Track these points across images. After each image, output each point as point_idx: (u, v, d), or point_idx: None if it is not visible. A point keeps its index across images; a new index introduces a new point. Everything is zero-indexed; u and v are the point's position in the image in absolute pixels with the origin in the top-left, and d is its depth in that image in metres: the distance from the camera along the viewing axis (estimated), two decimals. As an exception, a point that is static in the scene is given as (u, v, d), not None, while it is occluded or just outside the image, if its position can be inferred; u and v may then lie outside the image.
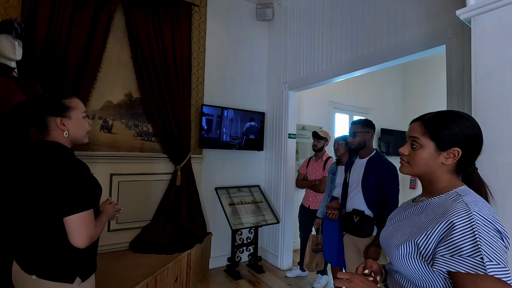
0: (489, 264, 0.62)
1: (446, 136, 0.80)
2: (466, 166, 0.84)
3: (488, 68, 0.95)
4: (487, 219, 0.68)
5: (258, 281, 3.00)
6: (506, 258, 0.65)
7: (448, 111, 0.86)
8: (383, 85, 5.08)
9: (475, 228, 0.65)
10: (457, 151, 0.79)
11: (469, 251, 0.64)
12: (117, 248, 2.70)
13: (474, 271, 0.63)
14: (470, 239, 0.65)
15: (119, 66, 2.77)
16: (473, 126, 0.82)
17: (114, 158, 2.72)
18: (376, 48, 2.36)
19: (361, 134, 2.07)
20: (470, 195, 0.76)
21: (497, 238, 0.66)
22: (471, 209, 0.69)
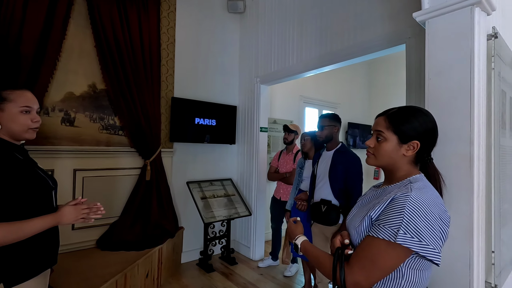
0: (402, 235, 0.74)
1: (407, 130, 0.88)
2: (423, 157, 0.93)
3: (439, 67, 1.05)
4: (422, 202, 0.78)
5: (231, 273, 3.04)
6: (433, 236, 0.75)
7: (409, 107, 0.94)
8: (350, 81, 5.30)
9: (406, 206, 0.77)
10: (416, 144, 0.88)
11: (393, 223, 0.76)
12: (83, 247, 2.59)
13: (386, 237, 0.76)
14: (398, 214, 0.77)
15: (82, 55, 2.61)
16: (431, 121, 0.90)
17: (78, 152, 2.58)
18: (343, 44, 2.46)
19: (328, 127, 2.16)
20: (420, 182, 0.85)
21: (427, 220, 0.76)
22: (410, 193, 0.79)
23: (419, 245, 0.74)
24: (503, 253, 1.11)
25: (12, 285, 0.98)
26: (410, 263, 0.81)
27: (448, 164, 1.01)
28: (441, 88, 1.04)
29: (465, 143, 0.97)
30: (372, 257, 0.78)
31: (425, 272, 0.83)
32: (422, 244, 0.74)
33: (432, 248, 0.75)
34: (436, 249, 0.75)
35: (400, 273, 0.81)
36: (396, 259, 0.77)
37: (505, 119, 1.17)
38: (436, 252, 0.75)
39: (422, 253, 0.75)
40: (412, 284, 0.82)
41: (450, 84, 1.02)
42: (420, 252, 0.75)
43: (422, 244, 0.74)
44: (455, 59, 1.00)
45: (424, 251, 0.75)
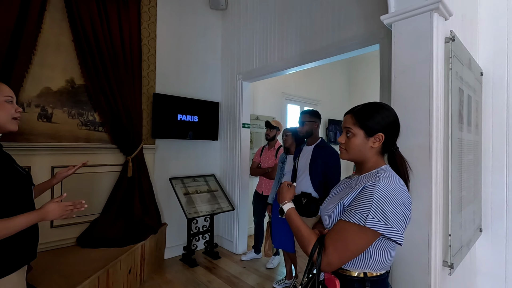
0: (370, 220, 0.83)
1: (371, 124, 0.97)
2: (389, 147, 1.01)
3: (404, 67, 1.14)
4: (388, 190, 0.86)
5: (214, 267, 3.09)
6: (397, 220, 0.84)
7: (372, 103, 1.02)
8: (331, 79, 5.44)
9: (374, 194, 0.85)
10: (381, 136, 0.97)
11: (363, 208, 0.85)
12: (63, 245, 2.55)
13: (357, 221, 0.84)
14: (367, 200, 0.85)
15: (59, 49, 2.55)
16: (392, 114, 1.00)
17: (56, 149, 2.53)
18: (322, 43, 2.55)
19: (309, 123, 2.25)
20: (387, 172, 0.94)
21: (392, 206, 0.85)
22: (378, 182, 0.88)
23: (385, 228, 0.83)
24: (460, 235, 1.23)
25: None
26: (377, 245, 0.90)
27: (411, 155, 1.10)
28: (405, 86, 1.14)
29: (425, 136, 1.07)
30: (344, 239, 0.86)
31: (390, 252, 0.92)
32: (388, 227, 0.83)
33: (396, 230, 0.84)
34: (399, 231, 0.84)
35: (368, 254, 0.90)
36: (365, 241, 0.85)
37: (463, 114, 1.29)
38: (399, 234, 0.84)
39: (388, 235, 0.83)
40: (378, 263, 0.91)
41: (413, 82, 1.11)
42: (386, 234, 0.83)
43: (388, 227, 0.83)
44: (417, 59, 1.10)
45: (389, 233, 0.83)
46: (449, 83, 1.14)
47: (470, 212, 1.45)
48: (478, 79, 1.69)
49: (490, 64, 1.76)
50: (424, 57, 1.08)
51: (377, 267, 0.91)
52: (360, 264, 0.91)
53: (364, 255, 0.90)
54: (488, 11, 1.76)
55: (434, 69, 1.05)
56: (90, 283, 1.97)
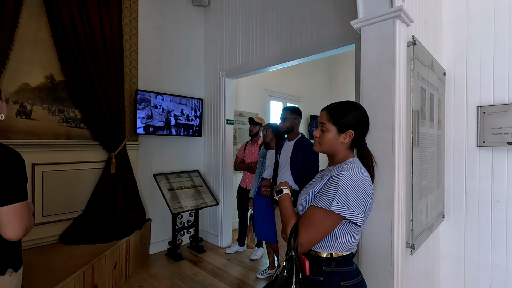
0: (335, 204, 0.93)
1: (343, 122, 1.07)
2: (358, 143, 1.12)
3: (370, 68, 1.25)
4: (351, 179, 0.97)
5: (199, 260, 3.16)
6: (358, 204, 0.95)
7: (345, 103, 1.13)
8: (312, 77, 5.58)
9: (339, 182, 0.96)
10: (351, 133, 1.07)
11: (329, 194, 0.95)
12: (45, 243, 2.54)
13: (323, 206, 0.95)
14: (333, 188, 0.96)
15: (37, 45, 2.51)
16: (362, 113, 1.10)
17: (36, 146, 2.50)
18: (302, 42, 2.64)
19: (290, 119, 2.35)
20: (353, 163, 1.05)
21: (354, 192, 0.96)
22: (343, 171, 0.99)
23: (347, 211, 0.94)
24: (421, 220, 1.37)
25: (17, 268, 1.05)
26: (342, 228, 1.01)
27: (377, 147, 1.22)
28: (371, 86, 1.25)
29: (388, 130, 1.19)
30: (313, 222, 0.96)
31: (353, 235, 1.04)
32: (350, 211, 0.94)
33: (357, 214, 0.95)
34: (359, 214, 0.95)
35: (334, 236, 1.01)
36: (331, 224, 0.96)
37: (425, 111, 1.43)
38: (360, 217, 0.95)
39: (349, 218, 0.94)
40: (343, 245, 1.02)
41: (378, 82, 1.22)
42: (348, 217, 0.94)
43: (349, 211, 0.94)
44: (382, 61, 1.21)
45: (351, 216, 0.94)
46: (411, 82, 1.26)
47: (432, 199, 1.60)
48: (441, 79, 1.84)
49: (452, 64, 1.92)
50: (388, 59, 1.19)
51: (342, 248, 1.02)
52: (327, 246, 1.02)
53: (330, 238, 1.01)
54: (449, 16, 1.92)
55: (397, 70, 1.17)
56: (75, 278, 1.99)
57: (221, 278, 2.75)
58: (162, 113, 3.20)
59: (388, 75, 1.19)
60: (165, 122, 3.25)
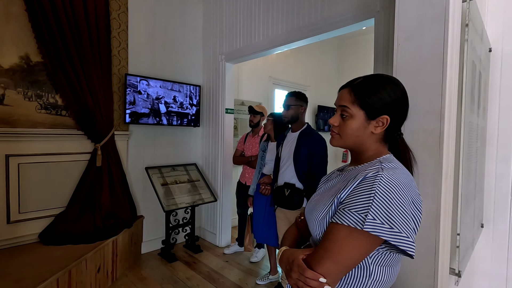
0: (370, 221, 0.62)
1: (375, 103, 0.74)
2: (393, 133, 0.80)
3: (409, 31, 0.92)
4: (394, 184, 0.66)
5: (195, 261, 2.91)
6: (406, 222, 0.64)
7: (375, 75, 0.80)
8: (320, 63, 5.20)
9: (375, 188, 0.65)
10: (386, 119, 0.75)
11: (360, 207, 0.65)
12: (22, 242, 2.29)
13: (352, 224, 0.64)
14: (366, 197, 0.65)
15: (8, 20, 2.20)
16: (400, 89, 0.77)
17: (10, 135, 2.22)
18: (311, 19, 2.30)
19: (295, 107, 2.03)
20: (391, 162, 0.73)
21: (400, 204, 0.64)
22: (381, 172, 0.67)
23: (391, 232, 0.62)
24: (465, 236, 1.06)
25: None
26: (378, 259, 0.69)
27: (415, 141, 0.90)
28: (410, 55, 0.92)
29: (434, 117, 0.86)
30: (333, 248, 0.65)
31: (394, 268, 0.73)
32: (394, 231, 0.62)
33: (406, 236, 0.63)
34: (409, 237, 0.63)
35: (367, 271, 0.70)
36: (362, 251, 0.64)
37: (474, 94, 1.10)
38: (410, 241, 0.63)
39: (394, 242, 0.62)
40: (379, 283, 0.71)
41: (421, 50, 0.89)
42: (392, 241, 0.62)
43: (394, 232, 0.62)
44: (427, 19, 0.87)
45: (396, 239, 0.62)
46: (464, 53, 0.92)
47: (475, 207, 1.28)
48: (486, 56, 1.49)
49: (499, 39, 1.56)
50: (436, 16, 0.85)
51: (378, 287, 0.71)
52: (356, 283, 0.71)
53: (361, 273, 0.70)
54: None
55: (450, 32, 0.83)
56: (47, 286, 1.74)
57: (217, 283, 2.49)
58: (147, 99, 2.87)
59: (436, 39, 0.85)
60: (151, 109, 2.92)
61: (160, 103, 2.97)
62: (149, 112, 2.88)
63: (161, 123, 3.01)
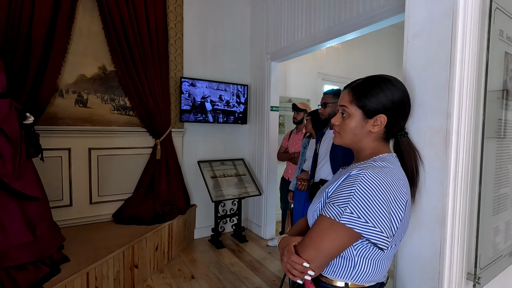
0: (347, 215, 0.68)
1: (371, 103, 0.78)
2: (394, 132, 0.82)
3: (417, 27, 0.87)
4: (375, 181, 0.69)
5: (240, 250, 3.11)
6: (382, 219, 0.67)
7: (375, 77, 0.83)
8: (375, 55, 4.89)
9: (357, 184, 0.70)
10: (383, 118, 0.78)
11: (341, 201, 0.70)
12: (100, 220, 2.79)
13: (331, 216, 0.70)
14: (348, 192, 0.70)
15: (90, 37, 2.69)
16: (398, 90, 0.79)
17: (91, 132, 2.72)
18: (352, 14, 2.24)
19: (332, 105, 2.02)
20: (384, 161, 0.76)
21: (378, 200, 0.67)
22: (364, 171, 0.71)
23: (365, 227, 0.67)
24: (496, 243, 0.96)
25: None
26: (363, 251, 0.74)
27: (422, 140, 0.87)
28: (418, 52, 0.88)
29: (441, 115, 0.82)
30: (317, 235, 0.72)
31: (379, 262, 0.75)
32: (368, 226, 0.67)
33: (379, 231, 0.67)
34: (383, 232, 0.68)
35: (351, 262, 0.75)
36: (340, 241, 0.70)
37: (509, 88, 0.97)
38: (383, 236, 0.68)
39: (366, 235, 0.68)
40: (363, 274, 0.75)
41: (428, 47, 0.84)
42: (364, 234, 0.68)
43: (368, 226, 0.67)
44: (436, 15, 0.83)
45: (369, 234, 0.67)
46: (485, 43, 0.84)
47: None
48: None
49: None
50: (446, 10, 0.80)
51: (362, 278, 0.75)
52: (341, 272, 0.76)
53: (345, 262, 0.75)
54: None
55: (460, 24, 0.77)
56: (114, 257, 2.12)
57: (257, 272, 2.64)
58: (188, 98, 3.15)
59: (444, 33, 0.81)
60: (192, 107, 3.17)
61: (206, 102, 3.23)
62: (190, 109, 3.15)
63: (207, 120, 3.27)
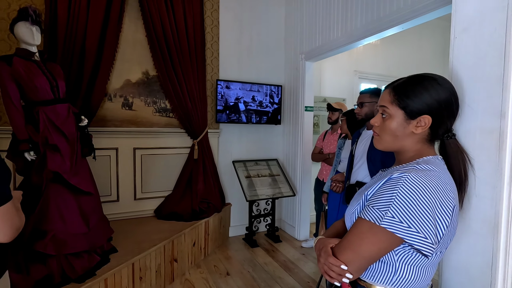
0: (388, 218, 0.66)
1: (414, 103, 0.76)
2: (439, 134, 0.78)
3: (466, 22, 0.81)
4: (419, 185, 0.66)
5: (274, 250, 3.13)
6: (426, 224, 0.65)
7: (419, 75, 0.80)
8: (418, 50, 4.60)
9: (399, 188, 0.67)
10: (427, 119, 0.75)
11: (381, 205, 0.68)
12: (142, 215, 2.99)
13: (371, 219, 0.68)
14: (389, 195, 0.68)
15: (135, 45, 2.89)
16: (445, 89, 0.75)
17: (136, 133, 2.93)
18: (392, 8, 2.14)
19: (369, 104, 1.97)
20: (429, 164, 0.73)
21: (422, 205, 0.64)
22: (406, 174, 0.69)
23: (407, 232, 0.65)
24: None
25: None
26: (405, 257, 0.71)
27: (471, 142, 0.81)
28: (467, 48, 0.81)
29: (493, 115, 0.75)
30: (354, 240, 0.71)
31: (423, 269, 0.72)
32: (410, 231, 0.65)
33: (423, 237, 0.65)
34: (427, 238, 0.65)
35: (393, 267, 0.73)
36: (379, 246, 0.68)
37: None
38: (427, 242, 0.65)
39: (409, 241, 0.65)
40: (405, 280, 0.72)
41: (479, 42, 0.78)
42: (407, 239, 0.65)
43: (410, 231, 0.65)
44: (488, 8, 0.76)
45: (412, 239, 0.65)
46: None
47: None
48: None
49: None
50: (498, 2, 0.73)
51: (404, 285, 0.72)
52: (382, 277, 0.74)
53: (386, 267, 0.73)
54: None
55: None
56: (156, 250, 2.26)
57: (291, 272, 2.64)
58: (221, 99, 3.22)
59: (497, 28, 0.74)
60: (224, 107, 3.24)
61: (239, 103, 3.30)
62: (222, 109, 3.24)
63: (240, 120, 3.33)
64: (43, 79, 1.89)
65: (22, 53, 1.87)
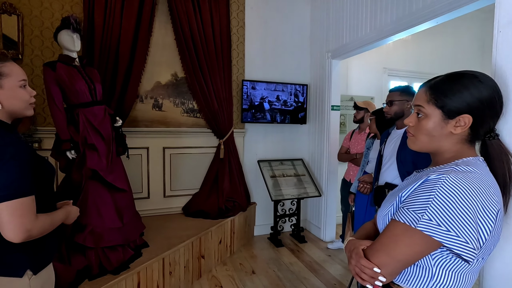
0: (425, 221, 0.63)
1: (453, 101, 0.72)
2: (481, 134, 0.75)
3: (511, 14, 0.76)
4: (460, 187, 0.63)
5: (299, 250, 3.11)
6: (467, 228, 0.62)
7: (458, 73, 0.76)
8: (453, 44, 4.34)
9: (437, 189, 0.65)
10: (468, 118, 0.71)
11: (417, 207, 0.66)
12: (171, 212, 3.09)
13: (407, 221, 0.66)
14: (425, 197, 0.66)
15: (164, 48, 3.00)
16: (487, 87, 0.71)
17: (165, 133, 3.04)
18: (426, 1, 2.04)
19: (399, 103, 1.89)
20: (468, 166, 0.69)
21: (463, 208, 0.61)
22: (445, 175, 0.66)
23: (446, 235, 0.62)
24: None
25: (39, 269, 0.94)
26: (442, 262, 0.68)
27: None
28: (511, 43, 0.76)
29: None
30: (388, 243, 0.70)
31: (463, 276, 0.69)
32: (451, 234, 0.62)
33: (464, 241, 0.62)
34: (468, 243, 0.62)
35: (429, 272, 0.70)
36: (414, 248, 0.66)
37: None
38: (469, 247, 0.62)
39: (448, 245, 0.62)
40: (443, 287, 0.69)
41: None
42: (446, 243, 0.62)
43: (450, 235, 0.62)
44: None
45: (452, 243, 0.62)
46: None
47: None
48: None
49: None
50: None
51: None
52: (417, 282, 0.71)
53: (422, 272, 0.71)
54: None
55: None
56: (184, 246, 2.33)
57: (317, 273, 2.61)
58: (246, 99, 3.24)
59: None
60: (250, 106, 3.26)
61: (264, 102, 3.31)
62: (248, 108, 3.26)
63: (265, 118, 3.33)
64: (82, 83, 2.02)
65: (65, 59, 2.01)
